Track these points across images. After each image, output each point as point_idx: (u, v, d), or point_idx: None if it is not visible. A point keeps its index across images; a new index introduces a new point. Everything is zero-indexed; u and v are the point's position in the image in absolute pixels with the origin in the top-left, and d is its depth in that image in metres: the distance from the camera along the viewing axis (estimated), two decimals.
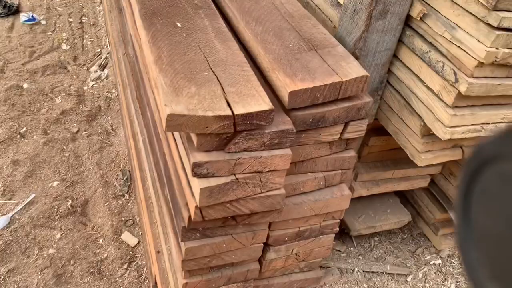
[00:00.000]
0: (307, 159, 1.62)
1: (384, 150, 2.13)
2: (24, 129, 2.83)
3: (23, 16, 3.82)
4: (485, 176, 0.46)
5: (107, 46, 3.68)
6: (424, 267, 2.30)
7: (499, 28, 1.29)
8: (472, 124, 1.50)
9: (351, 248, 2.37)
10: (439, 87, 1.49)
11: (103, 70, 3.39)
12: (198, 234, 1.55)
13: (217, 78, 1.38)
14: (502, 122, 1.54)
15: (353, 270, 2.24)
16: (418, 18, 1.52)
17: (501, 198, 0.44)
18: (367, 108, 1.54)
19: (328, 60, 1.51)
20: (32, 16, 3.82)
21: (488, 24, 1.30)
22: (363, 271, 2.25)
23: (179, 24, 1.63)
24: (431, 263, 2.33)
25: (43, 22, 3.92)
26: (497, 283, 0.45)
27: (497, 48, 1.30)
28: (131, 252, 2.19)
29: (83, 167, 2.63)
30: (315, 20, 1.74)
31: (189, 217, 1.45)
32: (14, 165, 2.57)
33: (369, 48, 1.62)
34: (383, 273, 2.24)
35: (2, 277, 2.03)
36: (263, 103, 1.30)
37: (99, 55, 3.58)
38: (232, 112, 1.26)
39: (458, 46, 1.40)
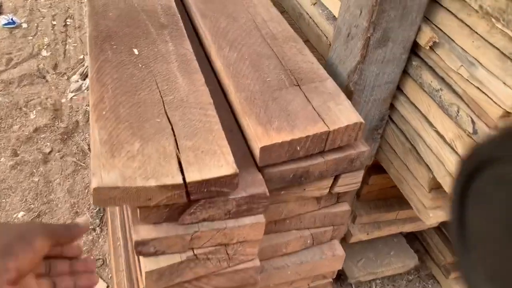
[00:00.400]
0: (290, 217, 1.33)
1: (386, 187, 1.83)
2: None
3: (2, 19, 3.56)
4: (480, 179, 0.45)
5: None
6: None
7: None
8: None
9: None
10: (452, 136, 1.19)
11: (84, 79, 3.12)
12: None
13: (172, 127, 1.09)
14: None
15: None
16: (427, 47, 1.21)
17: (496, 201, 0.44)
18: (363, 158, 1.24)
19: (314, 99, 1.22)
20: (12, 19, 3.55)
21: None
22: None
23: (135, 51, 1.34)
24: None
25: (24, 25, 3.65)
26: (492, 286, 0.44)
27: None
28: None
29: (53, 194, 2.37)
30: (301, 44, 1.44)
31: None
32: None
33: (367, 81, 1.32)
34: None
35: None
36: (225, 165, 1.01)
37: (81, 62, 3.31)
38: (184, 179, 0.97)
39: (478, 88, 1.09)
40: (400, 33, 1.22)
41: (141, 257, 1.08)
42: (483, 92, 1.08)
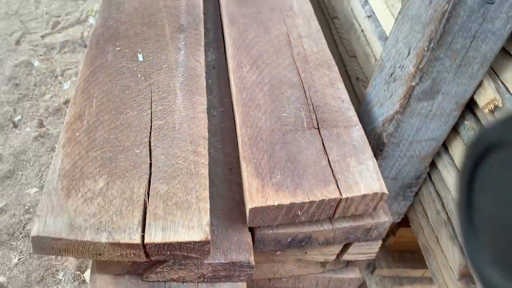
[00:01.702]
0: (287, 276, 1.14)
1: (415, 239, 1.58)
2: (19, 117, 2.53)
3: None
4: (488, 163, 0.45)
5: None
6: None
7: None
8: None
9: None
10: None
11: None
12: None
13: (150, 163, 0.92)
14: None
15: None
16: (487, 110, 0.95)
17: (503, 184, 0.43)
18: (382, 229, 1.02)
19: (332, 151, 0.99)
20: None
21: None
22: None
23: (140, 57, 1.17)
24: None
25: None
26: (497, 268, 0.44)
27: None
28: None
29: None
30: (335, 74, 1.20)
31: None
32: None
33: (404, 135, 1.07)
34: None
35: None
36: (196, 228, 0.82)
37: None
38: (142, 238, 0.80)
39: None
40: (454, 87, 0.97)
41: None
42: None
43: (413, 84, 0.96)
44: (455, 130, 1.07)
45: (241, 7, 1.42)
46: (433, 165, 1.17)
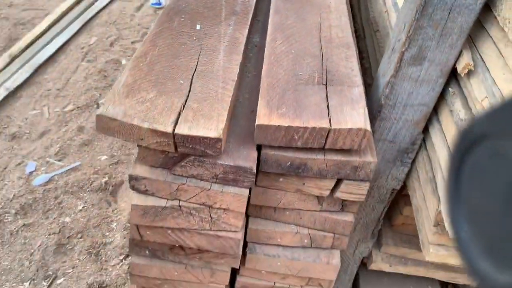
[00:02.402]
0: (289, 208, 1.36)
1: None
2: (103, 100, 3.00)
3: None
4: (476, 153, 0.46)
5: None
6: None
7: None
8: None
9: None
10: None
11: None
12: (147, 252, 1.42)
13: (189, 90, 1.22)
14: None
15: None
16: (463, 74, 1.15)
17: (492, 175, 0.44)
18: (368, 170, 1.22)
19: (333, 100, 1.24)
20: (159, 0, 4.06)
21: None
22: None
23: (198, 26, 1.50)
24: None
25: None
26: (488, 258, 0.45)
27: None
28: None
29: (135, 149, 2.68)
30: (352, 52, 1.45)
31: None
32: (78, 131, 2.74)
33: (398, 98, 1.29)
34: None
35: (17, 228, 2.15)
36: (213, 129, 1.10)
37: None
38: (173, 131, 1.09)
39: None
40: (438, 55, 1.18)
41: (133, 192, 1.23)
42: None
43: (403, 50, 1.19)
44: (442, 97, 1.28)
45: (286, 3, 1.73)
46: (426, 132, 1.37)
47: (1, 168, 2.44)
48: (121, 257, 2.10)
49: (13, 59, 3.17)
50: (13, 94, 2.94)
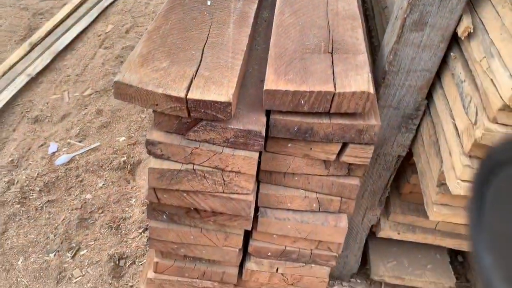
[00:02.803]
0: (298, 173, 1.43)
1: None
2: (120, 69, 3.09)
3: None
4: (498, 180, 0.45)
5: None
6: None
7: None
8: None
9: None
10: (463, 128, 1.16)
11: None
12: (164, 217, 1.50)
13: (200, 60, 1.29)
14: None
15: None
16: (463, 37, 1.20)
17: None
18: (372, 133, 1.28)
19: (338, 66, 1.29)
20: None
21: None
22: None
23: (208, 2, 1.57)
24: None
25: None
26: (510, 285, 0.44)
27: None
28: None
29: None
30: (358, 23, 1.50)
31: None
32: (97, 114, 2.84)
33: (401, 64, 1.34)
34: None
35: (41, 204, 2.26)
36: (223, 94, 1.17)
37: None
38: (186, 96, 1.16)
39: (492, 80, 1.06)
40: (438, 20, 1.23)
41: (151, 157, 1.31)
42: (494, 85, 1.05)
43: (405, 16, 1.24)
44: (444, 62, 1.32)
45: None
46: (430, 98, 1.41)
47: (25, 149, 2.56)
48: (140, 231, 2.19)
49: (33, 47, 3.29)
50: (34, 80, 3.06)
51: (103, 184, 2.40)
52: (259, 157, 1.32)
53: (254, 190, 1.39)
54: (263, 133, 1.23)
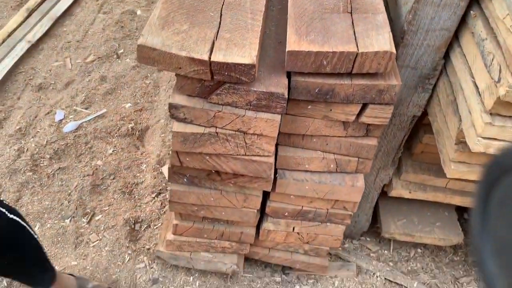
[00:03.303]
0: (316, 135, 1.45)
1: None
2: (122, 50, 3.05)
3: None
4: (503, 187, 0.45)
5: None
6: None
7: None
8: None
9: (385, 251, 2.13)
10: (484, 86, 1.18)
11: None
12: (185, 180, 1.53)
13: (220, 21, 1.28)
14: None
15: (373, 274, 2.01)
16: None
17: None
18: (393, 93, 1.29)
19: (358, 26, 1.29)
20: None
21: None
22: (385, 278, 2.00)
23: None
24: None
25: None
26: None
27: None
28: (164, 184, 2.27)
29: (157, 97, 2.77)
30: None
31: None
32: (101, 80, 2.81)
33: (420, 23, 1.33)
34: None
35: (53, 172, 2.28)
36: (247, 56, 1.17)
37: None
38: (209, 59, 1.16)
39: None
40: None
41: (174, 121, 1.32)
42: None
43: None
44: (464, 20, 1.32)
45: None
46: (447, 58, 1.42)
47: (32, 117, 2.55)
48: (153, 195, 2.22)
49: (30, 13, 3.21)
50: (34, 47, 3.01)
51: (112, 151, 2.41)
52: None
53: (274, 152, 1.41)
54: (286, 95, 1.24)
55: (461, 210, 2.13)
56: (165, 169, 2.35)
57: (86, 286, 1.71)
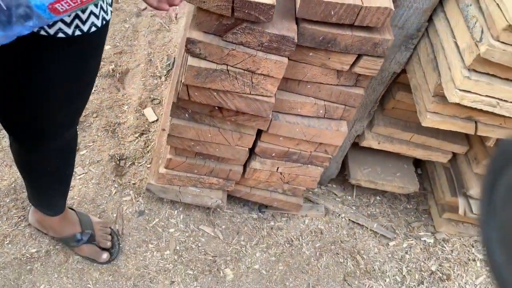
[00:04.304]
0: (311, 82, 1.60)
1: (412, 110, 2.02)
2: None
3: None
4: (509, 175, 0.45)
5: None
6: (412, 240, 2.25)
7: None
8: (487, 96, 1.39)
9: (349, 197, 2.36)
10: (465, 45, 1.38)
11: None
12: (187, 115, 1.64)
13: None
14: None
15: (339, 215, 2.25)
16: None
17: None
18: (385, 47, 1.46)
19: None
20: None
21: None
22: (349, 219, 2.25)
23: None
24: (422, 239, 2.27)
25: None
26: None
27: None
28: (146, 126, 2.35)
29: (136, 41, 2.79)
30: None
31: (178, 93, 1.53)
32: None
33: None
34: (368, 228, 2.23)
35: None
36: None
37: None
38: None
39: (498, 5, 1.26)
40: None
41: (189, 56, 1.41)
42: (500, 8, 1.26)
43: None
44: None
45: None
46: (430, 21, 1.61)
47: None
48: (136, 135, 2.30)
49: None
50: None
51: (94, 90, 2.44)
52: None
53: (275, 94, 1.56)
54: (296, 40, 1.38)
55: (415, 165, 2.40)
56: (147, 112, 2.42)
57: (87, 220, 1.80)
